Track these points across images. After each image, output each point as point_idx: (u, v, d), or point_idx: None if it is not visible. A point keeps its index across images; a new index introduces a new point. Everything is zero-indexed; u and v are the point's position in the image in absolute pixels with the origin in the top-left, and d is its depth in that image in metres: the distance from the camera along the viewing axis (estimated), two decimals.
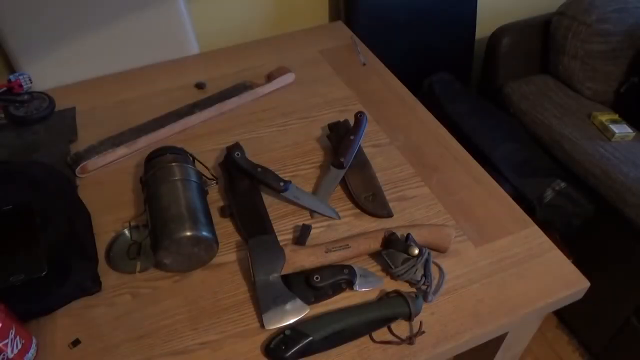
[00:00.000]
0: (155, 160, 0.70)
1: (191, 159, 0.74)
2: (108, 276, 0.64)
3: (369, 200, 0.72)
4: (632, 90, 1.19)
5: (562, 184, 1.06)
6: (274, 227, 0.69)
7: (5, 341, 0.51)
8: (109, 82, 0.97)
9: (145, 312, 0.61)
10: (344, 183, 0.75)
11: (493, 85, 1.36)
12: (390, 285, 0.63)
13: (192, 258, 0.63)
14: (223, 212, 0.71)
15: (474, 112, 1.22)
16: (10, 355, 0.52)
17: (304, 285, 0.61)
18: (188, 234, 0.60)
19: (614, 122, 1.15)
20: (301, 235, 0.67)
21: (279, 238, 0.67)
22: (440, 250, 0.66)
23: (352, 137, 0.77)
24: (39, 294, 0.59)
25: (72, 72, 0.96)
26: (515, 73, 1.34)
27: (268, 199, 0.74)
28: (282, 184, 0.71)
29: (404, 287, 0.63)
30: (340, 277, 0.61)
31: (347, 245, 0.64)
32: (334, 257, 0.63)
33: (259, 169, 0.72)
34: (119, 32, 0.96)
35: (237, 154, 0.73)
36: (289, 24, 1.15)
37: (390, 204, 0.73)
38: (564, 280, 0.64)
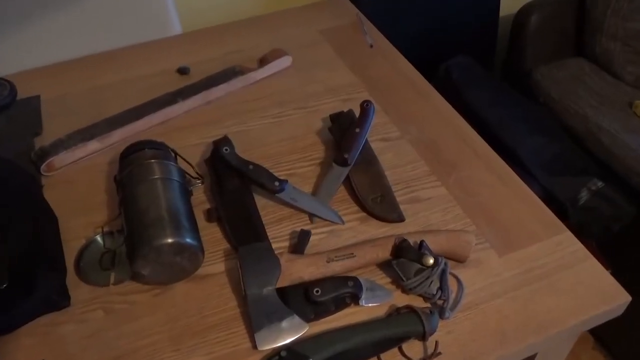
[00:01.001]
0: (132, 157, 0.70)
1: (173, 154, 0.74)
2: (78, 289, 0.65)
3: (377, 202, 0.72)
4: None
5: (599, 184, 1.06)
6: (268, 234, 0.69)
7: None
8: (78, 66, 0.97)
9: (121, 330, 0.61)
10: (348, 183, 0.75)
11: (520, 69, 1.35)
12: (401, 299, 0.63)
13: (174, 268, 0.63)
14: (209, 215, 0.71)
15: (497, 101, 1.22)
16: None
17: (303, 299, 0.61)
18: (169, 240, 0.60)
19: None
20: (299, 243, 0.67)
21: (274, 246, 0.67)
22: (459, 260, 0.66)
23: (357, 130, 0.78)
24: None
25: (37, 55, 0.96)
26: (545, 56, 1.34)
27: (261, 201, 0.74)
28: (277, 183, 0.72)
29: (417, 302, 0.63)
30: (344, 290, 0.61)
31: (352, 254, 0.64)
32: (336, 268, 0.63)
33: (251, 167, 0.72)
34: (90, 10, 0.96)
35: (226, 149, 0.73)
36: (285, 0, 1.14)
37: (402, 207, 0.73)
38: (601, 294, 0.64)
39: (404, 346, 0.59)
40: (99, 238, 0.69)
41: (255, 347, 0.59)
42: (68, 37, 0.97)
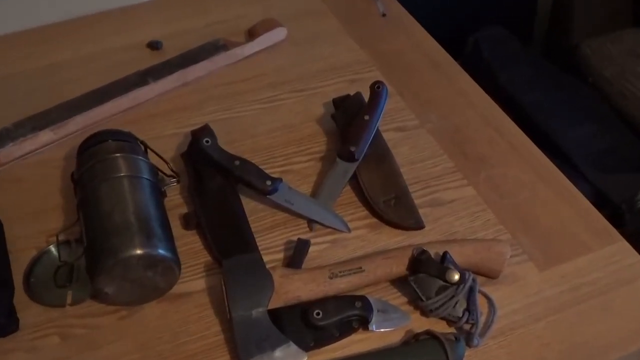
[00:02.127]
0: (93, 150, 0.70)
1: (142, 147, 0.74)
2: (28, 310, 0.65)
3: (391, 205, 0.72)
4: None
5: None
6: (258, 243, 0.69)
7: None
8: (27, 40, 0.97)
9: (80, 359, 0.61)
10: (355, 182, 0.75)
11: (564, 43, 1.35)
12: (420, 323, 0.63)
13: (144, 286, 0.63)
14: (187, 221, 0.72)
15: (537, 82, 1.22)
16: None
17: (300, 323, 0.61)
18: (138, 252, 0.60)
19: None
20: (296, 255, 0.67)
21: (265, 258, 0.68)
22: (491, 276, 0.66)
23: (366, 118, 0.78)
24: None
25: None
26: (595, 27, 1.33)
27: (250, 204, 0.74)
28: (269, 183, 0.72)
29: (440, 327, 0.63)
30: (351, 312, 0.61)
31: (360, 268, 0.64)
32: (341, 285, 0.63)
33: (237, 162, 0.73)
34: None
35: (207, 141, 0.73)
36: None
37: (420, 211, 0.73)
38: None
39: None
40: (53, 249, 0.69)
41: None
42: (14, 5, 0.97)
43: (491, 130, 0.83)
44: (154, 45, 0.95)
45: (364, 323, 0.62)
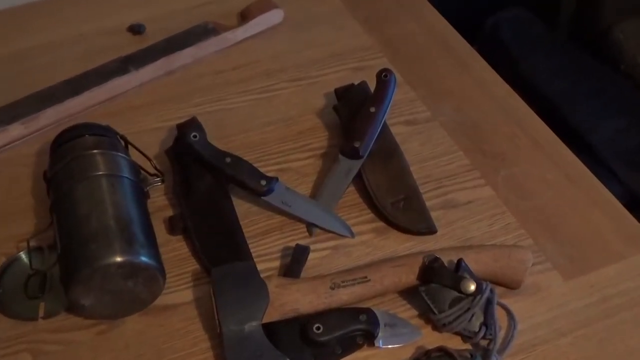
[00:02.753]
0: (68, 146, 0.70)
1: (123, 143, 0.74)
2: None
3: (399, 207, 0.73)
4: None
5: None
6: (252, 250, 0.70)
7: None
8: None
9: None
10: (360, 181, 0.76)
11: (594, 26, 1.35)
12: (432, 339, 0.63)
13: (124, 297, 0.63)
14: (173, 226, 0.72)
15: (563, 70, 1.22)
16: None
17: (299, 339, 0.61)
18: (118, 259, 0.60)
19: None
20: (294, 263, 0.67)
21: (260, 267, 0.68)
22: (511, 286, 0.67)
23: (372, 110, 0.78)
24: None
25: None
26: (630, 6, 1.33)
27: (242, 206, 0.74)
28: (263, 182, 0.72)
29: (454, 343, 0.63)
30: (354, 326, 0.61)
31: (365, 277, 0.64)
32: (344, 297, 0.63)
33: (228, 160, 0.73)
34: None
35: (194, 136, 0.73)
36: None
37: (432, 214, 0.73)
38: None
39: None
40: (23, 256, 0.69)
41: None
42: None
43: (512, 124, 0.84)
44: (135, 29, 0.95)
45: (370, 338, 0.62)
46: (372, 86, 0.81)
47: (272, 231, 0.72)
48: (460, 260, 0.64)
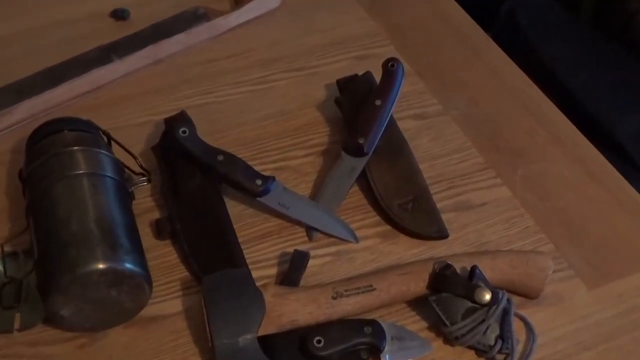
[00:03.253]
0: (45, 143, 0.70)
1: (105, 139, 0.74)
2: None
3: (408, 209, 0.73)
4: None
5: None
6: (247, 256, 0.70)
7: None
8: None
9: None
10: (364, 181, 0.76)
11: (620, 13, 1.35)
12: (443, 353, 0.64)
13: (107, 308, 0.63)
14: (160, 229, 0.72)
15: (586, 60, 1.21)
16: None
17: (298, 353, 0.61)
18: (100, 266, 0.60)
19: None
20: (292, 270, 0.67)
21: (255, 274, 0.68)
22: (529, 295, 0.67)
23: (378, 103, 0.78)
24: None
25: None
26: None
27: (236, 208, 0.74)
28: (259, 182, 0.72)
29: (467, 357, 0.63)
30: (358, 340, 0.61)
31: (370, 286, 0.64)
32: (347, 307, 0.63)
33: (221, 157, 0.73)
34: None
35: (183, 132, 0.73)
36: None
37: (444, 216, 0.73)
38: None
39: None
40: None
41: None
42: None
43: (530, 118, 0.84)
44: (119, 14, 0.95)
45: (375, 353, 0.62)
46: (377, 77, 0.81)
47: (268, 235, 0.72)
48: (474, 267, 0.64)
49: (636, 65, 1.24)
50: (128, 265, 0.61)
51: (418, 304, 0.66)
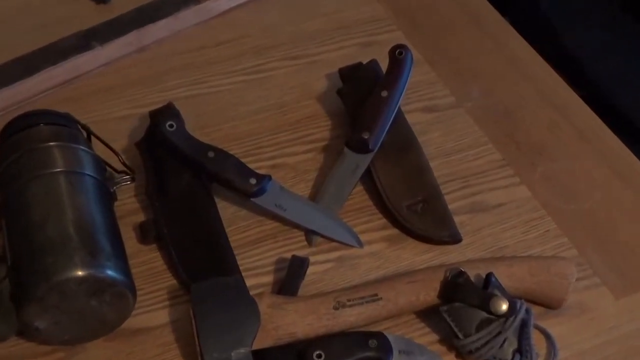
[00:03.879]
0: (18, 138, 0.70)
1: (85, 134, 0.75)
2: None
3: (417, 211, 0.73)
4: None
5: None
6: (240, 262, 0.70)
7: None
8: None
9: None
10: (369, 180, 0.76)
11: None
12: None
13: (87, 319, 0.63)
14: (145, 233, 0.72)
15: (614, 46, 1.21)
16: None
17: None
18: (79, 273, 0.60)
19: None
20: (290, 278, 0.67)
21: (249, 282, 0.68)
22: (550, 305, 0.67)
23: (384, 94, 0.78)
24: None
25: None
26: None
27: (228, 210, 0.74)
28: (254, 181, 0.72)
29: None
30: (363, 354, 0.61)
31: (376, 295, 0.64)
32: (350, 318, 0.64)
33: (211, 154, 0.73)
34: None
35: (170, 126, 0.74)
36: None
37: (457, 219, 0.73)
38: None
39: None
40: None
41: None
42: None
43: (552, 111, 0.84)
44: None
45: None
46: (383, 65, 0.81)
47: (263, 240, 0.72)
48: (489, 275, 0.64)
49: None
50: (109, 273, 0.62)
51: (428, 314, 0.66)
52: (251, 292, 0.64)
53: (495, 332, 0.62)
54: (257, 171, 0.73)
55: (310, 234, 0.72)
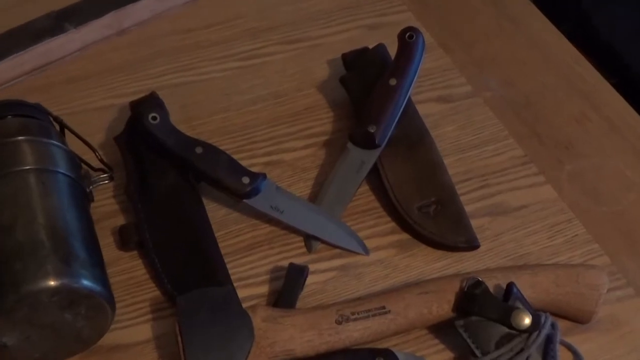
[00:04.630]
0: None
1: (58, 127, 0.74)
2: None
3: (429, 214, 0.73)
4: None
5: None
6: (231, 271, 0.70)
7: None
8: None
9: None
10: (376, 178, 0.76)
11: None
12: None
13: (60, 334, 0.63)
14: (125, 238, 0.72)
15: None
16: None
17: None
18: (52, 283, 0.60)
19: None
20: (287, 288, 0.67)
21: (242, 293, 0.68)
22: (579, 319, 0.67)
23: (392, 83, 0.78)
24: None
25: None
26: None
27: (219, 212, 0.74)
28: (247, 180, 0.72)
29: None
30: None
31: (383, 308, 0.64)
32: (354, 334, 0.63)
33: (200, 150, 0.73)
34: None
35: (154, 118, 0.73)
36: None
37: (474, 222, 0.73)
38: None
39: None
40: None
41: None
42: None
43: (580, 101, 0.84)
44: None
45: None
46: (392, 51, 0.81)
47: (258, 246, 0.72)
48: (510, 285, 0.64)
49: None
50: (85, 282, 0.61)
51: (442, 330, 0.66)
52: (244, 305, 0.64)
53: (517, 349, 0.62)
54: (251, 169, 0.73)
55: (309, 240, 0.72)
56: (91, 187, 0.74)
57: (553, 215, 0.74)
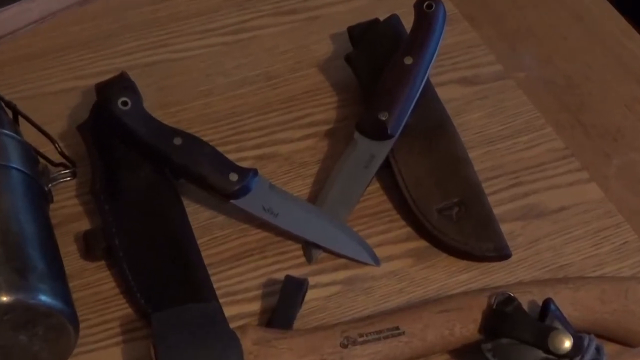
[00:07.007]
0: None
1: (10, 115, 0.75)
2: None
3: (451, 217, 0.73)
4: None
5: None
6: (216, 285, 0.70)
7: None
8: None
9: None
10: (389, 175, 0.76)
11: None
12: None
13: (14, 359, 0.64)
14: (90, 246, 0.72)
15: None
16: None
17: None
18: (4, 299, 0.60)
19: None
20: (283, 306, 0.68)
21: (229, 311, 0.68)
22: (628, 342, 0.67)
23: (408, 62, 0.78)
24: None
25: None
26: None
27: (202, 215, 0.75)
28: (234, 177, 0.72)
29: None
30: None
31: (397, 328, 0.64)
32: (362, 359, 0.64)
33: (179, 141, 0.73)
34: None
35: (124, 103, 0.74)
36: None
37: (504, 226, 0.73)
38: None
39: None
40: None
41: None
42: None
43: (632, 84, 0.84)
44: None
45: None
46: (407, 23, 0.82)
47: (248, 255, 0.73)
48: (548, 302, 0.64)
49: None
50: (44, 298, 0.62)
51: (466, 354, 0.66)
52: (232, 324, 0.64)
53: None
54: (240, 164, 0.73)
55: (309, 248, 0.73)
56: (50, 185, 0.74)
57: (598, 219, 0.75)
